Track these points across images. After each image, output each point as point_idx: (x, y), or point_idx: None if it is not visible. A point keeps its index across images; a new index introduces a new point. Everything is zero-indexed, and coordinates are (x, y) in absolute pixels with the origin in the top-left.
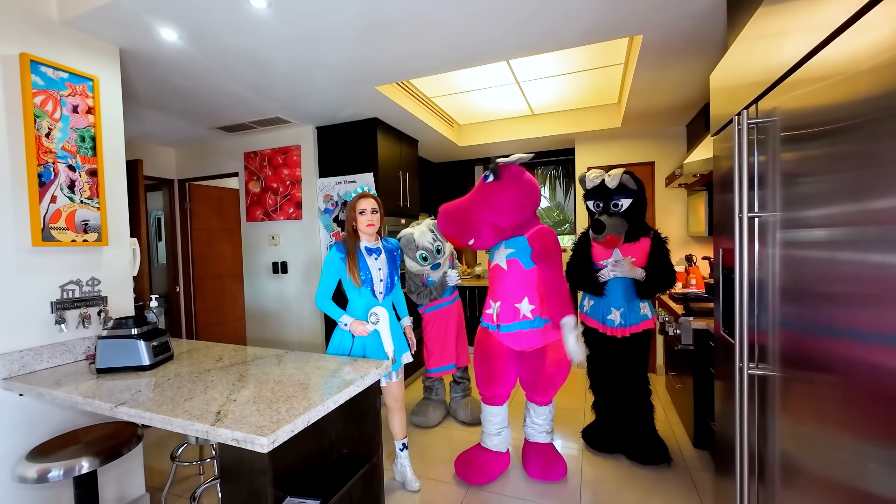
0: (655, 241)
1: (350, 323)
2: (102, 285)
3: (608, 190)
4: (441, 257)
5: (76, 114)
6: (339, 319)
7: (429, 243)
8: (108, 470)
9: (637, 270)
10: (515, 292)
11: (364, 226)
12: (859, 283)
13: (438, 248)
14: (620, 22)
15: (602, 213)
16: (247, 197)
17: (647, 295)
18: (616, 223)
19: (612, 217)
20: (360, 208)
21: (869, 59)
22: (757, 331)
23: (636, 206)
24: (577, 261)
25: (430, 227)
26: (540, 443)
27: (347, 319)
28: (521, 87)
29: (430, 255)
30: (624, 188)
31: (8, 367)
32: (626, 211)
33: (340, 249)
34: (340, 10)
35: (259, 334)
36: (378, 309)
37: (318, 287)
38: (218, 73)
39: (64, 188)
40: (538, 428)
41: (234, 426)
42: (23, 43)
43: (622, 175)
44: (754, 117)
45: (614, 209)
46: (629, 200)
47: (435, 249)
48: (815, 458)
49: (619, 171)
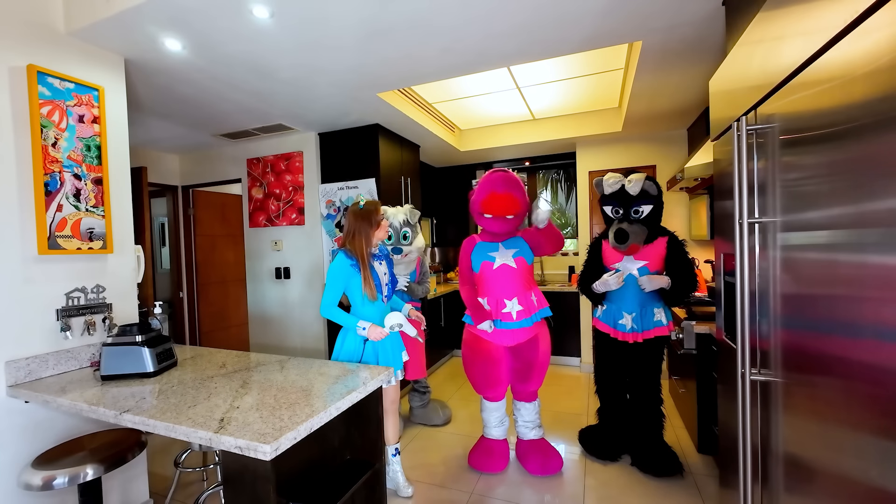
0: (673, 243)
1: (368, 327)
2: (107, 292)
3: (629, 196)
4: (405, 245)
5: (82, 123)
6: (356, 325)
7: (398, 223)
8: (113, 477)
9: (663, 279)
10: (526, 287)
11: (382, 234)
12: (860, 285)
13: (405, 234)
14: (620, 28)
15: (623, 220)
16: (250, 203)
17: (675, 302)
18: (637, 231)
19: (633, 224)
20: (380, 217)
21: (866, 64)
22: (759, 336)
23: (656, 210)
24: (589, 267)
25: (407, 212)
26: (534, 439)
27: (366, 324)
28: (522, 92)
29: (396, 234)
30: (646, 194)
31: (14, 374)
32: (647, 217)
33: (350, 257)
34: (342, 18)
35: (262, 340)
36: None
37: (325, 295)
38: (221, 82)
39: (70, 197)
40: (529, 425)
41: (237, 433)
42: (30, 54)
43: (644, 181)
44: (753, 123)
45: (635, 216)
46: (650, 207)
47: (402, 235)
48: (819, 463)
49: (639, 176)
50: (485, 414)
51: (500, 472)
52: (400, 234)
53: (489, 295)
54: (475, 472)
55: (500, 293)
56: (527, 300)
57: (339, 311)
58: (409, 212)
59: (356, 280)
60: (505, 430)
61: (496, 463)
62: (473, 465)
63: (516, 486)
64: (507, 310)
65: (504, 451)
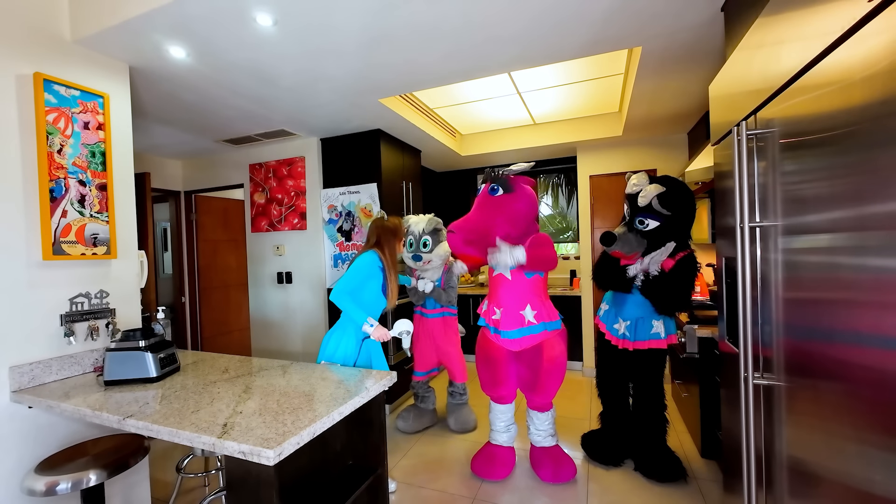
0: (679, 262)
1: (376, 326)
2: (110, 297)
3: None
4: (425, 252)
5: (87, 130)
6: (364, 320)
7: (418, 231)
8: (115, 482)
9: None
10: (519, 300)
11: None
12: (861, 289)
13: (425, 242)
14: (619, 34)
15: (627, 224)
16: (252, 208)
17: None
18: (630, 240)
19: (630, 233)
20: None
21: (864, 69)
22: (761, 340)
23: (666, 229)
24: (604, 261)
25: (429, 220)
26: (547, 447)
27: (375, 322)
28: (523, 97)
29: (416, 242)
30: (652, 209)
31: (18, 379)
32: (653, 232)
33: (381, 260)
34: (344, 25)
35: (264, 344)
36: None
37: (342, 281)
38: (225, 88)
39: (74, 203)
40: (542, 433)
41: (240, 438)
42: (37, 62)
43: (654, 197)
44: (753, 127)
45: (639, 226)
46: (657, 224)
47: (421, 243)
48: (823, 468)
49: (654, 188)
50: (491, 416)
51: (502, 480)
52: (420, 241)
53: (488, 299)
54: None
55: (493, 300)
56: (514, 314)
57: (352, 301)
58: (429, 221)
59: (376, 281)
60: (511, 438)
61: (499, 470)
62: (476, 471)
63: (519, 491)
64: (495, 317)
65: (508, 458)
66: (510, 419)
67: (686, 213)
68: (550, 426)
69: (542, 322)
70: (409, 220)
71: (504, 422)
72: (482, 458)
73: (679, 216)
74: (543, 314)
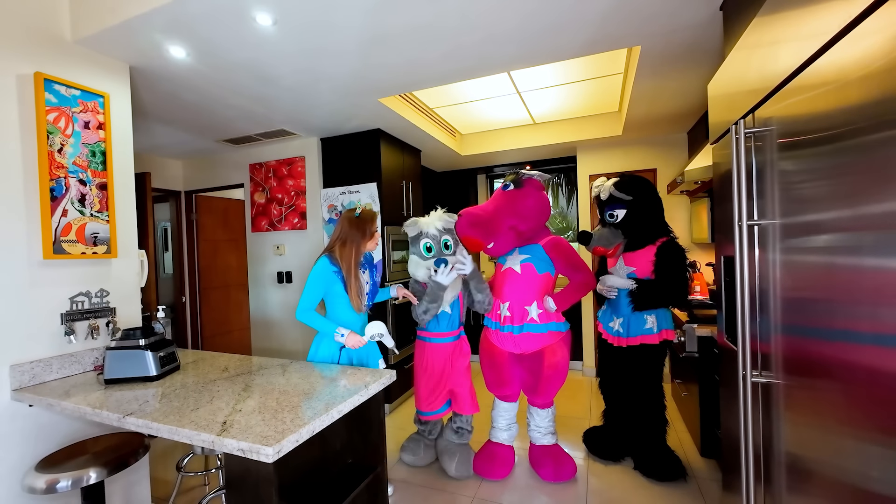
0: (661, 249)
1: (347, 334)
2: (111, 296)
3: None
4: (448, 255)
5: (87, 129)
6: (335, 332)
7: (436, 231)
8: (115, 480)
9: (620, 281)
10: (525, 295)
11: (373, 245)
12: (859, 287)
13: (446, 243)
14: (617, 33)
15: (602, 223)
16: (252, 208)
17: (640, 306)
18: (605, 234)
19: (605, 227)
20: (374, 228)
21: (860, 68)
22: (759, 338)
23: (634, 214)
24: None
25: (440, 217)
26: (547, 445)
27: (345, 331)
28: (523, 96)
29: (436, 244)
30: (617, 199)
31: (19, 378)
32: (623, 221)
33: (333, 263)
34: (344, 24)
35: (264, 344)
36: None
37: (302, 298)
38: (225, 88)
39: (75, 202)
40: (542, 430)
41: (239, 436)
42: (37, 62)
43: (611, 187)
44: (751, 126)
45: (610, 220)
46: (623, 211)
47: (442, 244)
48: (821, 465)
49: (606, 182)
50: (494, 412)
51: (501, 480)
52: (440, 243)
53: (494, 294)
54: (477, 476)
55: (499, 295)
56: (519, 308)
57: (317, 315)
58: (442, 217)
59: (337, 287)
60: (512, 437)
61: (499, 469)
62: (476, 470)
63: (519, 490)
64: (500, 312)
65: (508, 457)
66: (512, 418)
67: (646, 195)
68: (550, 423)
69: (545, 322)
70: (420, 223)
71: (506, 420)
72: (482, 456)
73: (640, 199)
74: (550, 314)
